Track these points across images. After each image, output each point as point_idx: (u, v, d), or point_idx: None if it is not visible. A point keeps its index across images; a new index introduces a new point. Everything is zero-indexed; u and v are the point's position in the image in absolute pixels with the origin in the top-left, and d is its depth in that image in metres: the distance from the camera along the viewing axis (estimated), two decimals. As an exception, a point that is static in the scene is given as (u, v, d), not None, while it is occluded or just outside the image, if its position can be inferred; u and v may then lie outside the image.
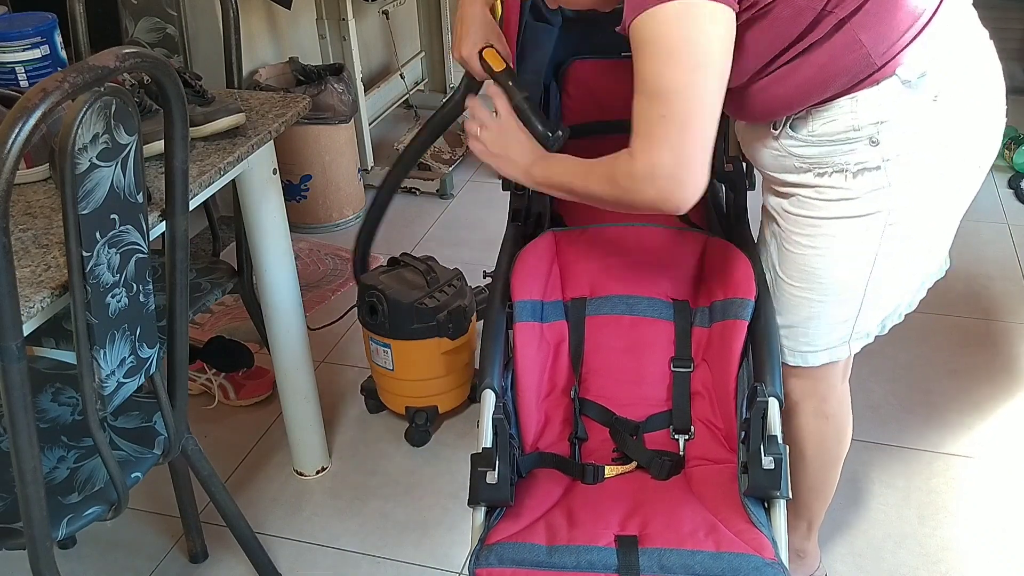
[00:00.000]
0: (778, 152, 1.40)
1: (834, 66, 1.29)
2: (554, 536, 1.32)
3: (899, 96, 1.30)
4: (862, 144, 1.33)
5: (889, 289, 1.47)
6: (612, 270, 1.61)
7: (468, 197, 3.46)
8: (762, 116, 1.40)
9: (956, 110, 1.35)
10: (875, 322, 1.52)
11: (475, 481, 1.33)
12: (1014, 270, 2.89)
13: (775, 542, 1.29)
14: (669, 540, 1.30)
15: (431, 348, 2.19)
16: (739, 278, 1.51)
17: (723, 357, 1.50)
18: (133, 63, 1.20)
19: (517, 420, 1.51)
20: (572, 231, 1.63)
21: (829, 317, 1.49)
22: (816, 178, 1.38)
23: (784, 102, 1.35)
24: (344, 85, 3.13)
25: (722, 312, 1.52)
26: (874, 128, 1.31)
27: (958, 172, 1.41)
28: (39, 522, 1.32)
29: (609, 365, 1.59)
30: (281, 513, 2.12)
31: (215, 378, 2.44)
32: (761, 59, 1.32)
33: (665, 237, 1.62)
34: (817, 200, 1.39)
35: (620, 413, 1.57)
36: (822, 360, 1.54)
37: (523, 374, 1.51)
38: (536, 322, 1.55)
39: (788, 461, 1.32)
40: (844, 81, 1.30)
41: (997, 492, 2.10)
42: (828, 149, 1.35)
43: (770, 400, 1.35)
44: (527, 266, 1.58)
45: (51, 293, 1.27)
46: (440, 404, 2.29)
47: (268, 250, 1.92)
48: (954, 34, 1.34)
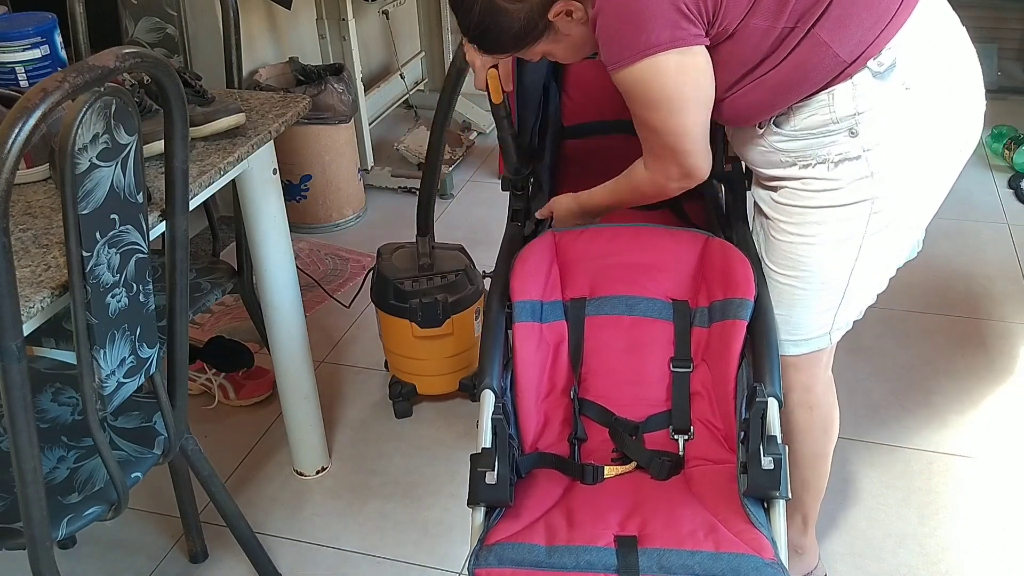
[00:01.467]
0: (765, 148, 1.45)
1: (804, 67, 1.34)
2: (553, 536, 1.32)
3: (872, 87, 1.34)
4: (842, 135, 1.37)
5: (871, 277, 1.51)
6: (612, 270, 1.61)
7: (468, 197, 3.46)
8: (744, 121, 1.45)
9: (929, 97, 1.38)
10: (856, 312, 1.56)
11: (474, 481, 1.33)
12: (1014, 270, 2.89)
13: (775, 542, 1.29)
14: (668, 540, 1.30)
15: (404, 328, 2.27)
16: (739, 278, 1.51)
17: (722, 357, 1.50)
18: (133, 63, 1.20)
19: (517, 420, 1.51)
20: (571, 231, 1.63)
21: (813, 306, 1.52)
22: (801, 170, 1.43)
23: (762, 107, 1.40)
24: (344, 85, 3.13)
25: (721, 312, 1.52)
26: (851, 120, 1.36)
27: (938, 157, 1.44)
28: (39, 522, 1.32)
29: (609, 365, 1.59)
30: (281, 513, 2.12)
31: (215, 378, 2.44)
32: (733, 74, 1.38)
33: (665, 237, 1.62)
34: (803, 191, 1.44)
35: (620, 413, 1.57)
36: (803, 350, 1.57)
37: (522, 374, 1.51)
38: (535, 322, 1.55)
39: (787, 461, 1.32)
40: (816, 80, 1.35)
41: (997, 492, 2.10)
42: (810, 142, 1.40)
43: (769, 400, 1.36)
44: (527, 266, 1.58)
45: (51, 293, 1.27)
46: (418, 385, 2.38)
47: (268, 250, 1.92)
48: (922, 23, 1.36)
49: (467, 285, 2.28)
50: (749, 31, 1.33)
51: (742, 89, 1.39)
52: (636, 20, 1.30)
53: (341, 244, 3.18)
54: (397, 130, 3.86)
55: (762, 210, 1.53)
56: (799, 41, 1.32)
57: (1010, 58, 4.15)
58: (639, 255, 1.61)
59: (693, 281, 1.59)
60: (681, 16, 1.29)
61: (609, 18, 1.32)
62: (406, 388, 2.37)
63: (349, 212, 3.32)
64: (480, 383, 1.43)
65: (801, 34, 1.31)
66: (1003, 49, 4.02)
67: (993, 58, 4.01)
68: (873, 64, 1.33)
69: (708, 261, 1.58)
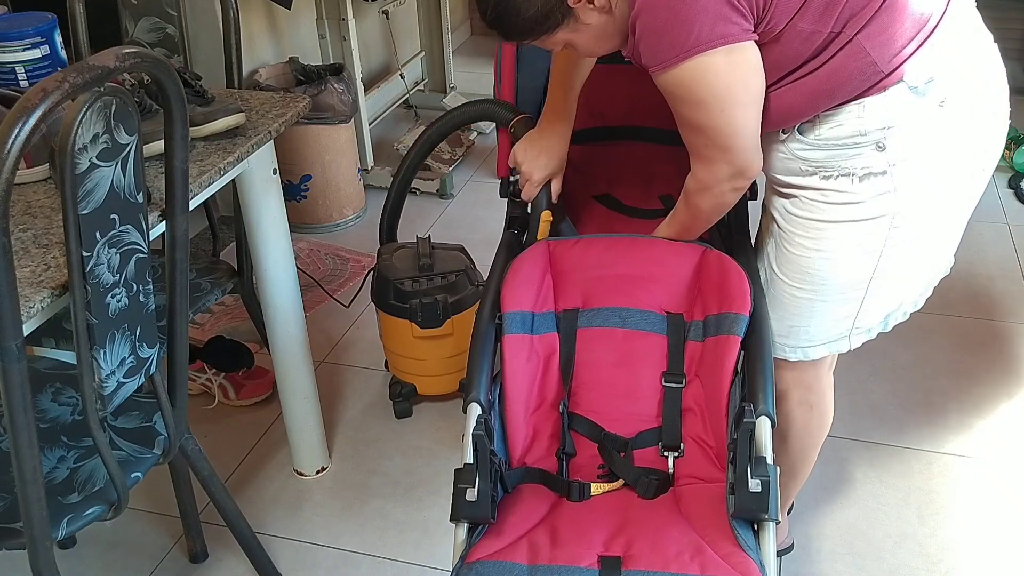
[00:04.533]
0: (785, 155, 1.42)
1: (841, 75, 1.30)
2: (536, 555, 1.30)
3: (906, 102, 1.31)
4: (868, 149, 1.34)
5: (892, 287, 1.47)
6: (606, 281, 1.57)
7: (468, 197, 3.46)
8: (772, 125, 1.41)
9: (962, 115, 1.35)
10: (877, 318, 1.51)
11: (456, 497, 1.31)
12: (1014, 270, 2.89)
13: (763, 566, 1.26)
14: (654, 562, 1.27)
15: (404, 328, 2.27)
16: (734, 292, 1.47)
17: (715, 374, 1.47)
18: (133, 63, 1.20)
19: (504, 434, 1.48)
20: (566, 241, 1.60)
21: (830, 315, 1.49)
22: (822, 181, 1.39)
23: (793, 112, 1.36)
24: (344, 85, 3.13)
25: (715, 327, 1.49)
26: (881, 133, 1.32)
27: (963, 176, 1.40)
28: (39, 522, 1.32)
29: (600, 379, 1.56)
30: (281, 513, 2.12)
31: (215, 378, 2.44)
32: (770, 78, 1.34)
33: (660, 249, 1.58)
34: (821, 203, 1.40)
35: (610, 428, 1.54)
36: (821, 354, 1.55)
37: (511, 387, 1.48)
38: (526, 334, 1.51)
39: (778, 482, 1.29)
40: (851, 88, 1.31)
41: (997, 492, 2.10)
42: (834, 153, 1.36)
43: (760, 420, 1.32)
44: (519, 276, 1.54)
45: (51, 293, 1.27)
46: (419, 386, 2.38)
47: (268, 250, 1.92)
48: (960, 38, 1.34)
49: (467, 285, 2.28)
50: (795, 34, 1.29)
51: (775, 92, 1.35)
52: (682, 15, 1.24)
53: (341, 244, 3.18)
54: (397, 130, 3.86)
55: (775, 220, 1.49)
56: (841, 48, 1.29)
57: (1010, 58, 4.15)
58: (634, 266, 1.57)
59: (688, 293, 1.56)
60: (731, 8, 1.24)
61: (653, 16, 1.27)
62: (406, 388, 2.37)
63: (349, 212, 3.32)
64: (467, 396, 1.41)
65: (845, 40, 1.28)
66: (1003, 49, 4.01)
67: (993, 58, 4.01)
68: (910, 78, 1.30)
69: (705, 274, 1.54)
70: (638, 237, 1.60)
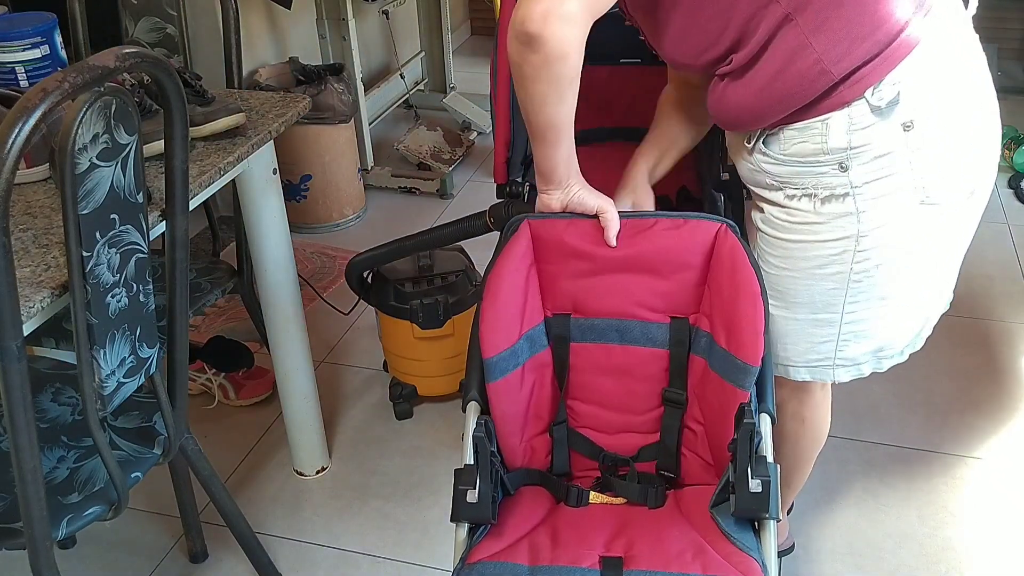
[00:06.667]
0: (752, 167, 1.40)
1: (787, 72, 1.26)
2: (537, 556, 1.30)
3: (868, 122, 1.28)
4: (831, 169, 1.31)
5: (874, 321, 1.43)
6: (600, 278, 1.45)
7: (468, 197, 3.45)
8: (733, 124, 1.39)
9: (932, 139, 1.29)
10: (862, 352, 1.47)
11: (457, 498, 1.30)
12: (1014, 270, 2.89)
13: (765, 566, 1.26)
14: (655, 562, 1.27)
15: (404, 329, 2.27)
16: (745, 336, 1.34)
17: (719, 418, 1.40)
18: (133, 63, 1.20)
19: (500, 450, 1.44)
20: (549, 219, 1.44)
21: (805, 336, 1.46)
22: (786, 199, 1.37)
23: (749, 110, 1.33)
24: (344, 85, 3.13)
25: (722, 367, 1.38)
26: (843, 154, 1.30)
27: (943, 203, 1.34)
28: (39, 522, 1.32)
29: (596, 391, 1.51)
30: (281, 513, 2.12)
31: (215, 378, 2.44)
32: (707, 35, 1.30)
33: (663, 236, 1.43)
34: (786, 221, 1.39)
35: (608, 444, 1.51)
36: (803, 376, 1.51)
37: (502, 426, 1.42)
38: (514, 371, 1.41)
39: (778, 481, 1.28)
40: (803, 92, 1.27)
41: (998, 492, 2.10)
42: (797, 169, 1.34)
43: (762, 417, 1.31)
44: (496, 308, 1.40)
45: (51, 293, 1.27)
46: (419, 386, 2.38)
47: (268, 250, 1.92)
48: (934, 55, 1.28)
49: (467, 286, 2.28)
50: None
51: (726, 78, 1.32)
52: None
53: (341, 244, 3.18)
54: (397, 130, 3.86)
55: (756, 232, 1.46)
56: (778, 26, 1.24)
57: (1010, 58, 4.15)
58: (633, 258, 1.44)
59: (696, 290, 1.44)
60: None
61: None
62: (406, 389, 2.37)
63: (349, 212, 3.32)
64: (466, 395, 1.39)
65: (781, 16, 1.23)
66: (1003, 49, 4.02)
67: (993, 58, 4.01)
68: (872, 96, 1.26)
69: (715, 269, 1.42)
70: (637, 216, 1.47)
